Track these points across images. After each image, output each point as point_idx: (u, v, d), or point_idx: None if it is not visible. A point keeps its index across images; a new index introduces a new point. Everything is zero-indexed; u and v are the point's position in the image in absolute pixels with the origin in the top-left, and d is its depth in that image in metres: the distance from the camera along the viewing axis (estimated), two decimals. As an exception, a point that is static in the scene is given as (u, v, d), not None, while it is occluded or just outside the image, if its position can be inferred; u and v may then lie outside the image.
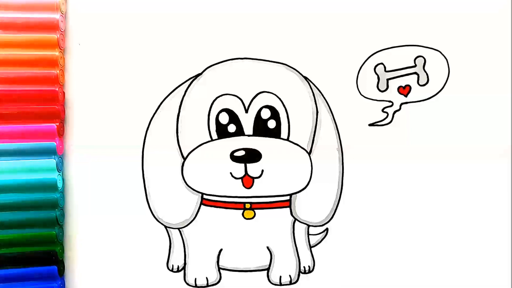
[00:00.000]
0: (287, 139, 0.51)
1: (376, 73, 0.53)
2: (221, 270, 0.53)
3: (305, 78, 0.52)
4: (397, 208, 0.53)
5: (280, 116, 0.51)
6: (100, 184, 0.52)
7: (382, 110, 0.53)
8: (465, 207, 0.53)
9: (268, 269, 0.53)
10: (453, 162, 0.53)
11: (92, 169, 0.52)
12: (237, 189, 0.51)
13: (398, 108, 0.53)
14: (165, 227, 0.52)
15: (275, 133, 0.51)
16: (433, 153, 0.53)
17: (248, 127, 0.51)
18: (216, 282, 0.52)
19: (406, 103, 0.53)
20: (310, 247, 0.53)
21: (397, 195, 0.53)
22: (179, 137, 0.52)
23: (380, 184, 0.53)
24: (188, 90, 0.52)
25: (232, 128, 0.51)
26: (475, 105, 0.53)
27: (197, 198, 0.52)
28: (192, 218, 0.52)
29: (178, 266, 0.53)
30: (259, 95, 0.51)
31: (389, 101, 0.53)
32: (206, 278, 0.52)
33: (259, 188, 0.51)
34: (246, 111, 0.51)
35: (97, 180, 0.52)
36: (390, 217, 0.53)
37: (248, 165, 0.50)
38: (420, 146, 0.53)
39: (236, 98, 0.51)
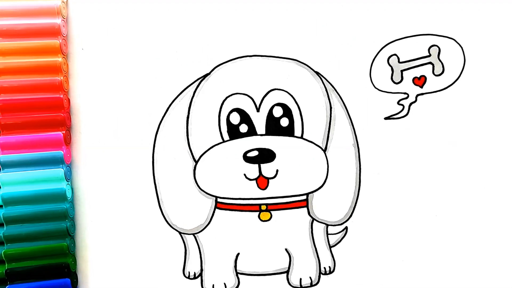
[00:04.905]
0: (301, 137, 0.51)
1: (389, 65, 0.52)
2: (239, 275, 0.52)
3: (317, 73, 0.52)
4: (417, 203, 0.52)
5: (293, 113, 0.51)
6: (110, 192, 0.52)
7: (398, 103, 0.52)
8: (486, 199, 0.52)
9: (287, 272, 0.53)
10: (473, 154, 0.52)
11: (102, 177, 0.52)
12: (252, 191, 0.51)
13: (414, 99, 0.52)
14: (180, 233, 0.52)
15: (289, 131, 0.51)
16: (453, 145, 0.52)
17: (260, 126, 0.51)
18: (234, 287, 0.52)
19: (422, 94, 0.52)
20: (330, 247, 0.53)
21: (416, 190, 0.52)
22: (189, 140, 0.52)
23: (398, 179, 0.52)
24: (197, 91, 0.52)
25: (244, 128, 0.51)
26: (494, 94, 0.53)
27: (211, 202, 0.52)
28: (207, 223, 0.52)
29: (194, 272, 0.52)
30: (270, 93, 0.51)
31: (405, 93, 0.52)
32: (224, 284, 0.52)
33: (275, 189, 0.51)
34: (258, 110, 0.51)
35: (107, 188, 0.52)
36: (410, 213, 0.52)
37: (262, 165, 0.50)
38: (439, 138, 0.52)
39: (246, 97, 0.51)
